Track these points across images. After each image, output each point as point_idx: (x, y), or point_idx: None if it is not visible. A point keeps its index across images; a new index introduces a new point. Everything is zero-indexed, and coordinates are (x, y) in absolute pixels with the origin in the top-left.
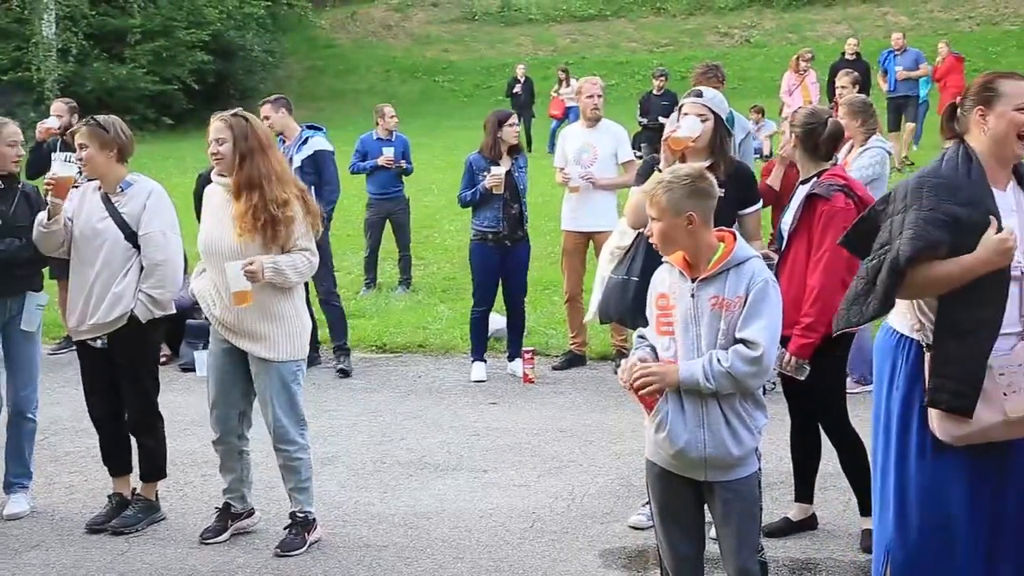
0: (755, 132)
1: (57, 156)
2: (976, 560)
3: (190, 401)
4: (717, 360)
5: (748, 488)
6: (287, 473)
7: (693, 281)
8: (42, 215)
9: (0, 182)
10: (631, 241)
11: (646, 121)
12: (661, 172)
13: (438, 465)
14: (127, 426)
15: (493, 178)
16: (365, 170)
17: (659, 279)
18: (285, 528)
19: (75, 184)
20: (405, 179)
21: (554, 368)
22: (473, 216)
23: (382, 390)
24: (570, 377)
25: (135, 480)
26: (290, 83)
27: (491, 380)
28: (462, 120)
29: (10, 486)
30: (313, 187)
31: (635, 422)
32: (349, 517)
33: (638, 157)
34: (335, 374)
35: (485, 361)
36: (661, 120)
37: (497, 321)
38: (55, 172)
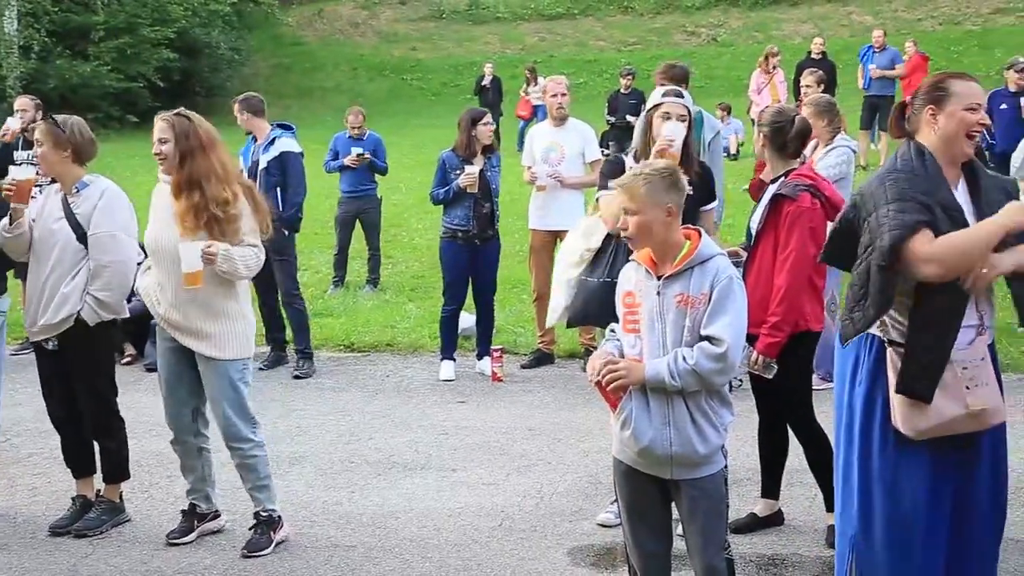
0: (723, 130)
1: (18, 156)
2: (938, 554)
3: (155, 401)
4: (683, 358)
5: (714, 486)
6: (244, 472)
7: (659, 279)
8: (4, 221)
9: None
10: (602, 243)
11: (614, 119)
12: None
13: (406, 464)
14: (87, 428)
15: (467, 177)
16: (336, 169)
17: (625, 277)
18: (250, 528)
19: (38, 185)
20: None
21: (522, 366)
22: (444, 214)
23: (350, 389)
24: (539, 375)
25: (99, 482)
26: (257, 81)
27: (459, 379)
28: (430, 118)
29: None
30: (279, 188)
31: (603, 420)
32: (317, 517)
33: (606, 155)
34: (295, 378)
35: (454, 360)
36: (629, 119)
37: (466, 320)
38: (13, 177)
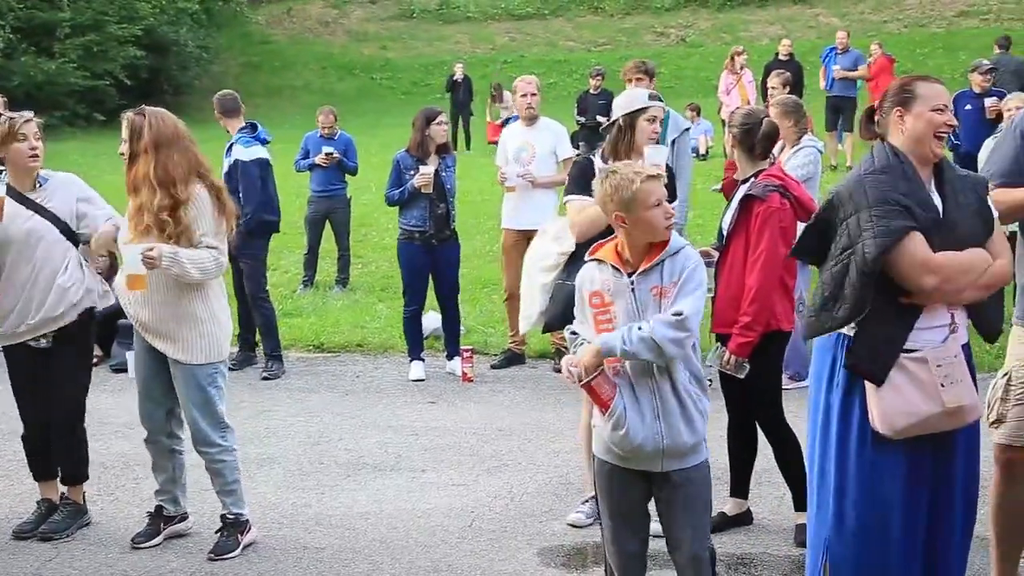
0: (692, 130)
1: None
2: (914, 556)
3: (121, 403)
4: (637, 327)
5: (702, 475)
6: (212, 475)
7: (629, 275)
8: None
9: None
10: (576, 246)
11: (584, 120)
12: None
13: (376, 465)
14: (56, 428)
15: (422, 177)
16: (307, 168)
17: (588, 277)
18: (217, 531)
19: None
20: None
21: (493, 367)
22: (400, 215)
23: (319, 390)
24: (509, 375)
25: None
26: (226, 79)
27: (430, 379)
28: (400, 118)
29: None
30: (238, 193)
31: (573, 420)
32: (285, 519)
33: (577, 156)
34: (263, 379)
35: (423, 360)
36: (599, 119)
37: (434, 320)
38: None
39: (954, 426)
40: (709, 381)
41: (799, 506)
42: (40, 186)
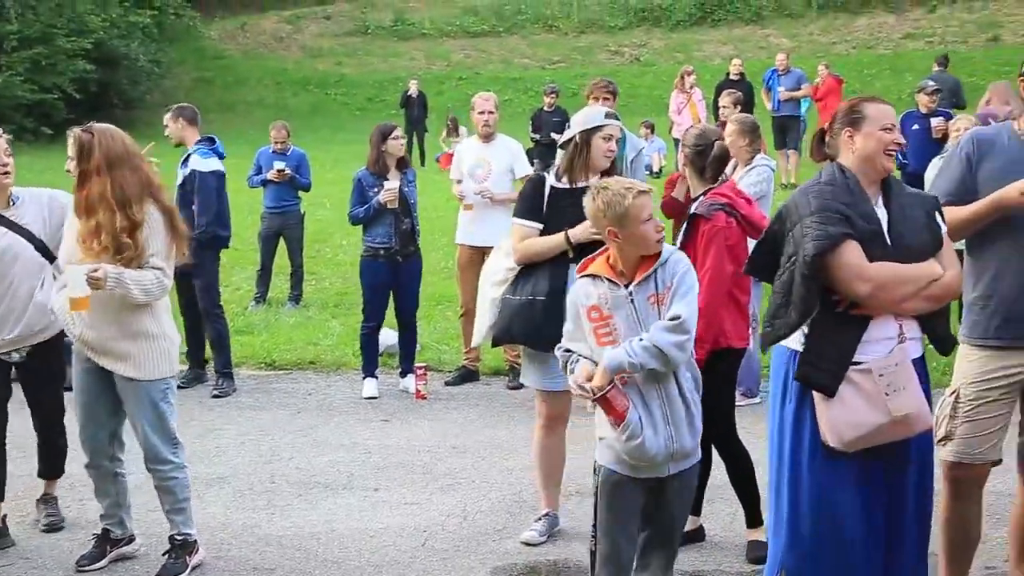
0: (645, 148)
1: None
2: (874, 565)
3: (67, 422)
4: (638, 339)
5: (694, 474)
6: (162, 494)
7: (626, 287)
8: None
9: None
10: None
11: (539, 137)
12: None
13: (328, 484)
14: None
15: (388, 192)
16: (260, 184)
17: (583, 292)
18: (164, 553)
19: None
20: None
21: (447, 384)
22: (364, 233)
23: (271, 408)
24: (463, 393)
25: (5, 507)
26: (178, 94)
27: (383, 397)
28: (355, 134)
29: None
30: (193, 206)
31: (527, 437)
32: (235, 539)
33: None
34: (213, 397)
35: (376, 377)
36: (553, 136)
37: (389, 337)
38: None
39: (905, 435)
40: None
41: (752, 523)
42: (13, 204)
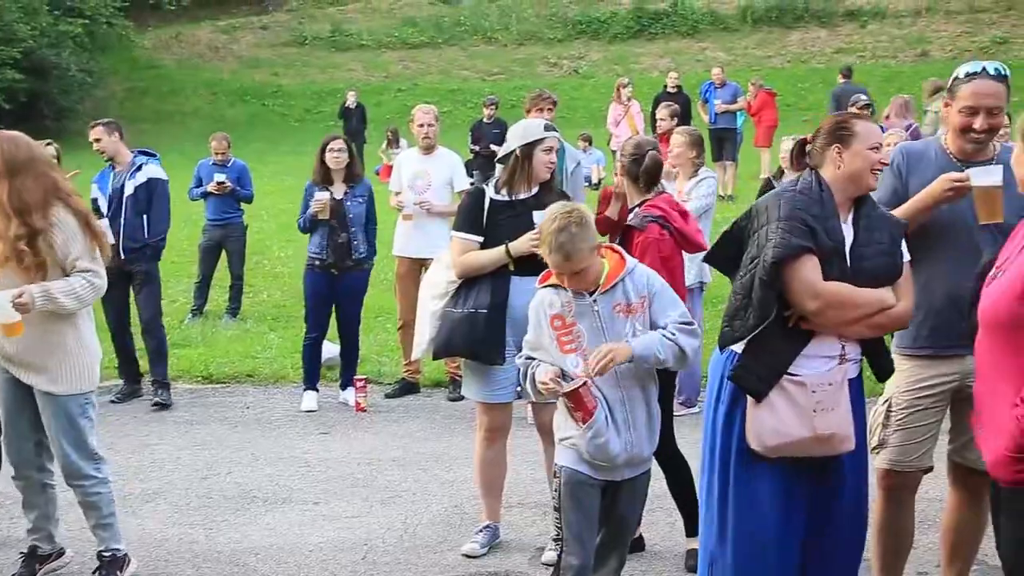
0: (584, 160)
1: None
2: (787, 568)
3: None
4: (671, 334)
5: (646, 481)
6: (87, 510)
7: (590, 295)
8: None
9: None
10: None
11: (478, 148)
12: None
13: (266, 498)
14: None
15: (316, 203)
16: (200, 196)
17: (547, 301)
18: (94, 572)
19: None
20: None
21: (387, 396)
22: (308, 242)
23: (208, 422)
24: (403, 405)
25: None
26: (111, 104)
27: (323, 409)
28: (293, 145)
29: None
30: (145, 215)
31: (468, 449)
32: (171, 556)
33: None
34: (154, 407)
35: (317, 390)
36: (493, 147)
37: (330, 349)
38: None
39: (825, 453)
40: None
41: (691, 531)
42: None
